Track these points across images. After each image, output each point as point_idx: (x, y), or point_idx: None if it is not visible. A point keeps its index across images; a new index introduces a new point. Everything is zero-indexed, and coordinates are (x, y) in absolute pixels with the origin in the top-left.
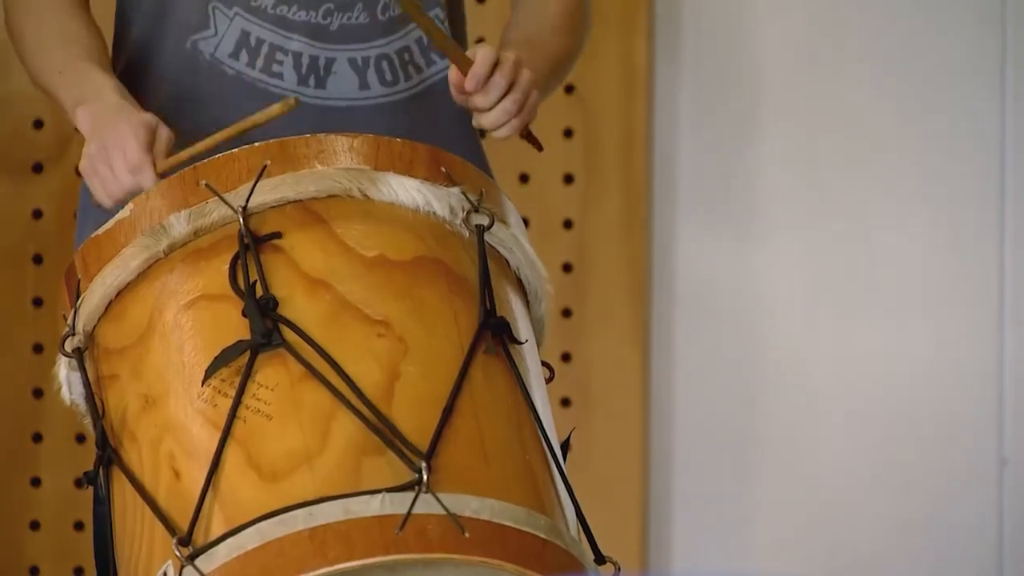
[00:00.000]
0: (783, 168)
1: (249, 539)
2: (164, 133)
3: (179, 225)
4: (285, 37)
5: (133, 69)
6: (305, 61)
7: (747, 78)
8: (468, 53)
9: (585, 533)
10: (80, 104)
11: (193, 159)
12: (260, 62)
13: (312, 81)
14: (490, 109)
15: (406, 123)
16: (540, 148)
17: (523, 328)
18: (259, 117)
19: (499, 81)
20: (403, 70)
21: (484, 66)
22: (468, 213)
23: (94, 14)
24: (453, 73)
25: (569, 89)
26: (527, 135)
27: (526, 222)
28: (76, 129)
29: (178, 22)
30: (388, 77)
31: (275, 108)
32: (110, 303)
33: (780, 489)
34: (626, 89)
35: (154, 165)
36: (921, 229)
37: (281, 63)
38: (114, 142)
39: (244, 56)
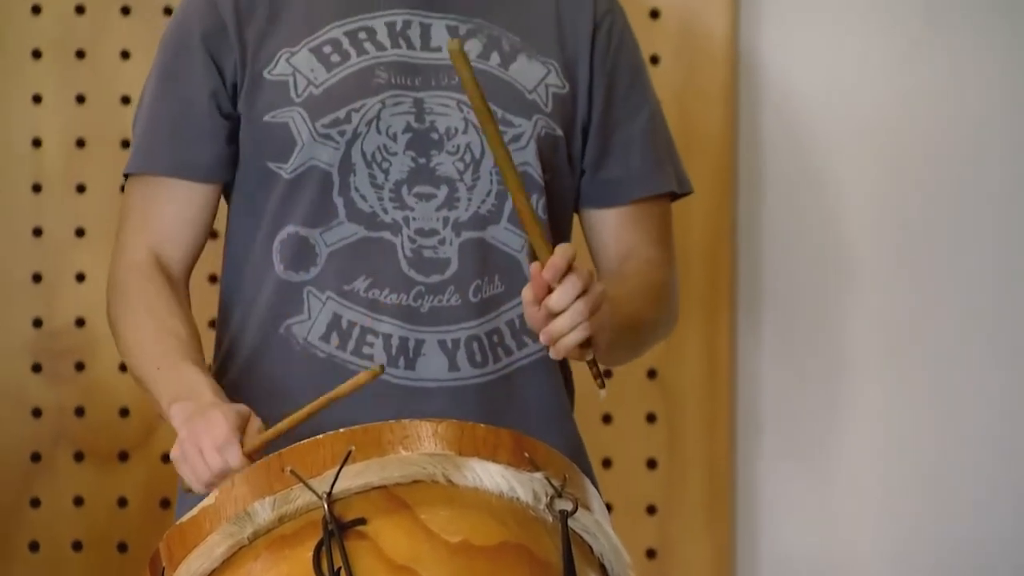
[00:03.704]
0: (867, 457)
1: None
2: (256, 422)
3: (263, 512)
4: (376, 320)
5: (231, 353)
6: (395, 343)
7: (828, 368)
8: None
9: None
10: (175, 401)
11: (280, 435)
12: (351, 344)
13: (402, 362)
14: (561, 312)
15: (495, 405)
16: (603, 384)
17: None
18: (346, 387)
19: (574, 281)
20: (492, 352)
21: (563, 259)
22: (551, 499)
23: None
24: (531, 268)
25: (652, 374)
26: (593, 361)
27: (609, 507)
28: (163, 418)
29: (273, 308)
30: (478, 359)
31: (362, 377)
32: None
33: None
34: (709, 374)
35: (241, 445)
36: None
37: (372, 345)
38: (204, 427)
39: (335, 339)
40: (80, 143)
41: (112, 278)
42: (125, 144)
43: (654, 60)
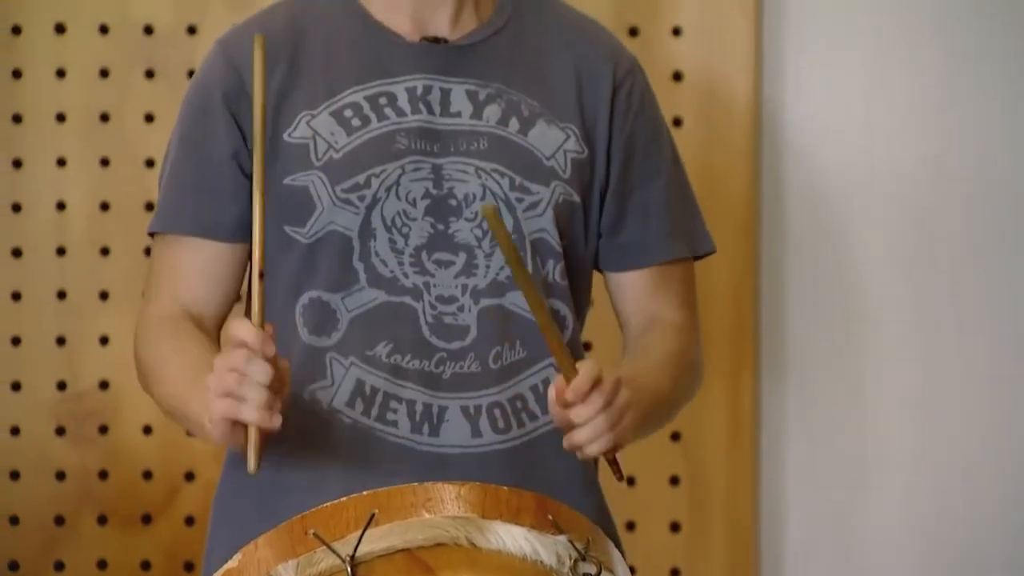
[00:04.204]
0: (892, 515)
1: None
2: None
3: (286, 575)
4: (399, 386)
5: None
6: (419, 409)
7: (853, 429)
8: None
9: None
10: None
11: None
12: (375, 410)
13: (426, 429)
14: (583, 424)
15: (518, 470)
16: (620, 477)
17: None
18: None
19: (596, 399)
20: (515, 417)
21: (586, 382)
22: (575, 562)
23: None
24: (556, 383)
25: (675, 436)
26: (612, 460)
27: (633, 570)
28: (202, 431)
29: (297, 373)
30: (500, 425)
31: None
32: None
33: None
34: (732, 435)
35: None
36: None
37: (395, 411)
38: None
39: (360, 405)
40: (104, 206)
41: (139, 327)
42: (149, 207)
43: (677, 122)
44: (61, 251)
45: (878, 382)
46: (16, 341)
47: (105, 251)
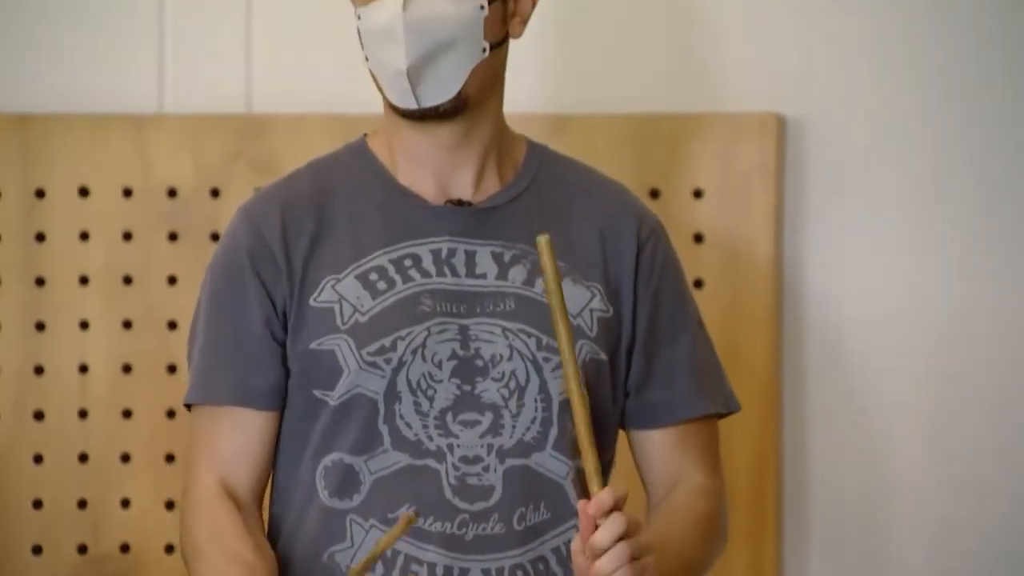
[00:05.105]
0: None
1: None
2: None
3: None
4: (420, 548)
5: None
6: (440, 572)
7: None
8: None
9: None
10: None
11: None
12: (395, 573)
13: None
14: (604, 551)
15: None
16: None
17: None
18: (387, 539)
19: (619, 518)
20: None
21: (611, 496)
22: None
23: None
24: (580, 506)
25: None
26: None
27: None
28: None
29: (317, 535)
30: None
31: (398, 527)
32: None
33: None
34: None
35: None
36: None
37: (416, 574)
38: None
39: (379, 568)
40: (126, 368)
41: (183, 513)
42: (171, 369)
43: (698, 283)
44: (83, 413)
45: (903, 542)
46: (38, 504)
47: (127, 413)
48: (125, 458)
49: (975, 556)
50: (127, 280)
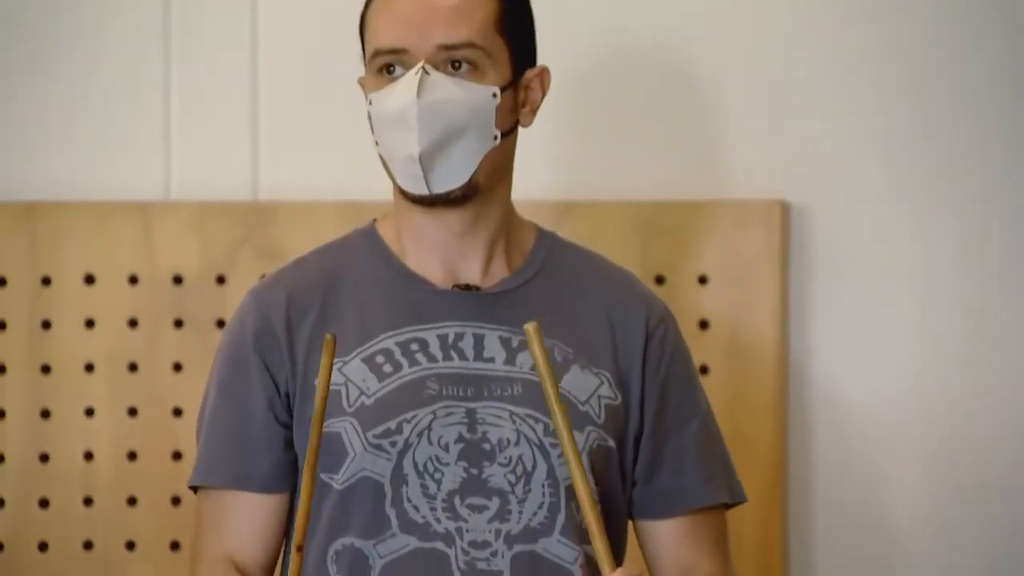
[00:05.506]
0: None
1: None
2: None
3: None
4: None
5: None
6: None
7: None
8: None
9: None
10: None
11: None
12: None
13: None
14: None
15: None
16: None
17: None
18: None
19: None
20: None
21: (626, 573)
22: None
23: None
24: None
25: None
26: None
27: None
28: None
29: None
30: None
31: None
32: None
33: None
34: None
35: None
36: None
37: None
38: None
39: None
40: (131, 456)
41: None
42: (176, 456)
43: (704, 370)
44: (88, 501)
45: None
46: None
47: (132, 500)
48: (130, 545)
49: None
50: (132, 367)
